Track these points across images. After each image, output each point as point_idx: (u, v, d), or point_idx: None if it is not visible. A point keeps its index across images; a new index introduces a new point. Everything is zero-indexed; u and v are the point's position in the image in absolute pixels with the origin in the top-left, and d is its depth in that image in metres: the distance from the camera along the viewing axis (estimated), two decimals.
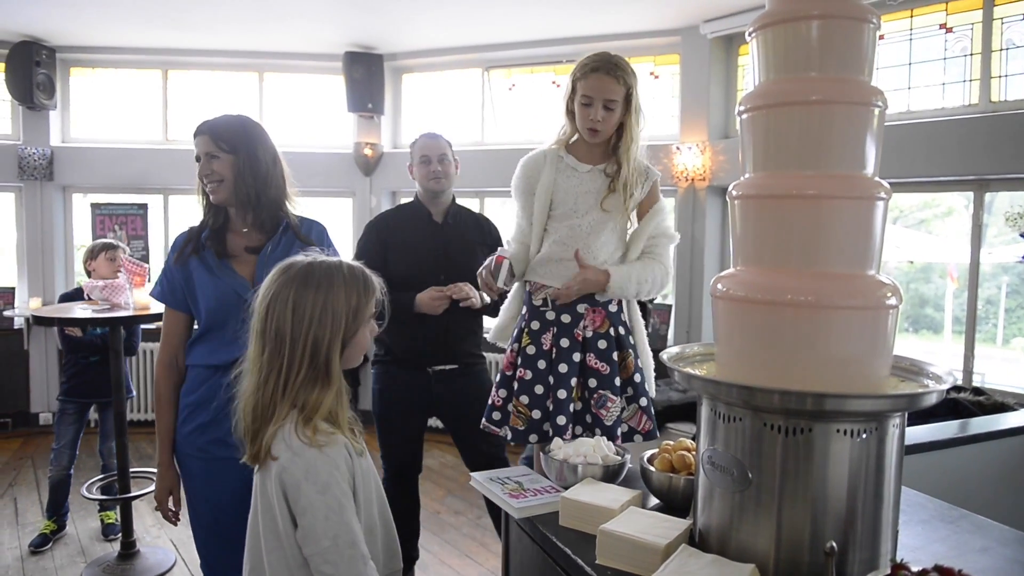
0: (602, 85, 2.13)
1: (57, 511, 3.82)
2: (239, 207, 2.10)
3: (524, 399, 2.18)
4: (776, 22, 1.42)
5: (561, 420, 2.13)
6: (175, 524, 2.13)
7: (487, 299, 2.97)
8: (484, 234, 3.16)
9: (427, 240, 3.02)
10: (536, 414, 2.17)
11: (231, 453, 1.93)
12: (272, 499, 1.43)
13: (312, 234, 2.18)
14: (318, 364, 1.46)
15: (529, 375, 2.19)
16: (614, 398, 2.19)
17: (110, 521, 3.90)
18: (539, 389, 2.18)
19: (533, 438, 2.16)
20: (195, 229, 2.13)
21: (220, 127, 2.07)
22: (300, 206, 2.21)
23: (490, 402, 2.29)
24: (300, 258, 1.53)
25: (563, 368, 2.17)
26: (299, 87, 6.15)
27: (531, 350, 2.20)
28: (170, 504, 2.10)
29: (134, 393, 4.04)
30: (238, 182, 2.06)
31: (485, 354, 3.19)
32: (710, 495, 1.43)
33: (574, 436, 2.12)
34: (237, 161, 2.05)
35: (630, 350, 2.25)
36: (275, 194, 2.12)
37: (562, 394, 2.15)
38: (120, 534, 3.61)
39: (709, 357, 1.64)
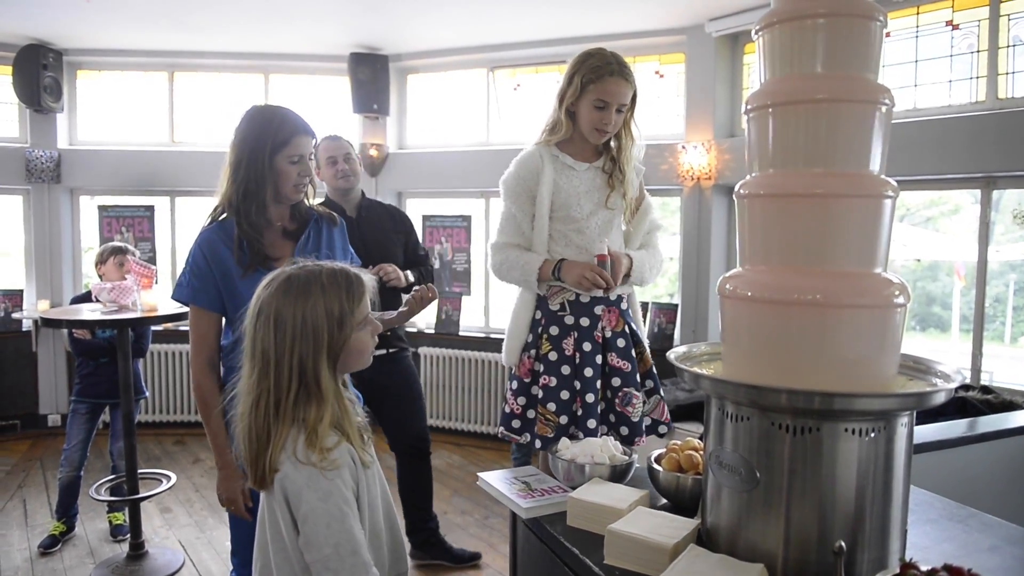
0: (619, 90, 2.10)
1: (66, 512, 3.84)
2: (290, 205, 2.12)
3: (551, 406, 2.15)
4: (782, 20, 1.41)
5: (591, 424, 2.12)
6: (251, 519, 2.02)
7: (411, 278, 3.17)
8: (396, 222, 3.43)
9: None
10: (563, 420, 2.15)
11: None
12: (275, 504, 1.42)
13: (337, 227, 2.19)
14: (307, 381, 1.41)
15: (554, 381, 2.16)
16: (638, 394, 2.20)
17: (118, 522, 3.91)
18: (565, 395, 2.16)
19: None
20: (228, 228, 2.04)
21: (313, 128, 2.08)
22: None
23: (508, 410, 2.25)
24: (285, 268, 1.49)
25: (588, 372, 2.15)
26: (305, 88, 6.16)
27: (553, 356, 2.18)
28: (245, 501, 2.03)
29: (147, 394, 4.05)
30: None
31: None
32: (718, 495, 1.43)
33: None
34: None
35: (643, 343, 2.27)
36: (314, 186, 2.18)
37: (590, 398, 2.14)
38: (129, 535, 3.62)
39: (716, 356, 1.64)
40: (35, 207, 5.88)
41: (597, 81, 2.10)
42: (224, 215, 2.08)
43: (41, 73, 5.52)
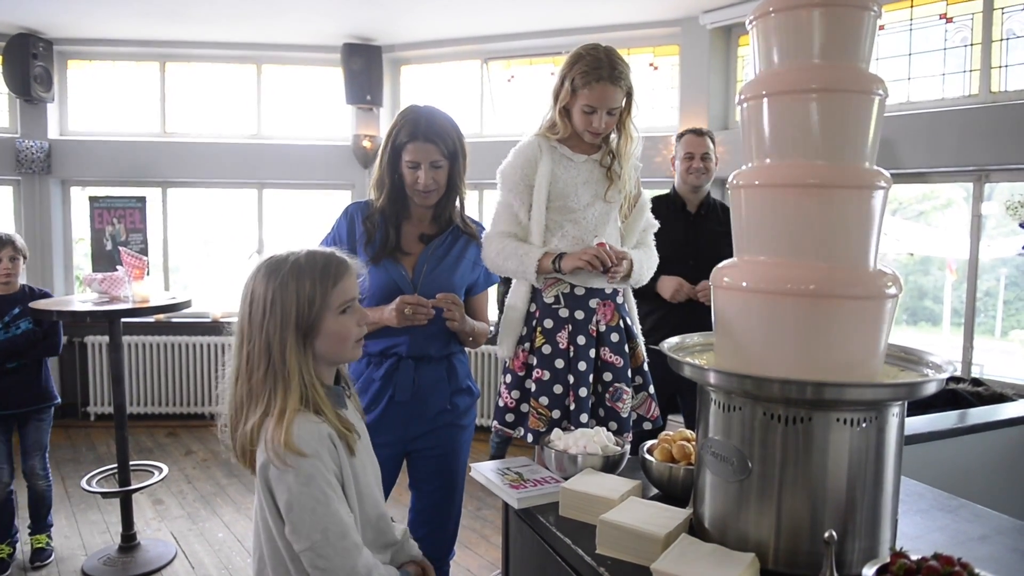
0: (607, 95, 2.08)
1: (8, 533, 3.49)
2: (431, 208, 2.13)
3: (543, 400, 2.14)
4: (776, 10, 1.41)
5: (584, 418, 2.11)
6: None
7: None
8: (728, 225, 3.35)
9: (680, 230, 3.19)
10: (556, 414, 2.14)
11: (386, 439, 2.00)
12: (259, 494, 1.41)
13: (475, 244, 2.21)
14: (273, 359, 1.41)
15: (547, 375, 2.15)
16: (628, 390, 2.19)
17: (40, 545, 3.56)
18: (558, 389, 2.14)
19: None
20: (375, 210, 2.12)
21: (445, 134, 2.07)
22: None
23: (501, 404, 2.23)
24: (272, 253, 1.51)
25: (582, 366, 2.14)
26: (297, 79, 6.13)
27: (547, 349, 2.16)
28: None
29: (59, 400, 3.63)
30: (448, 190, 2.11)
31: None
32: (710, 484, 1.44)
33: None
34: (452, 169, 2.10)
35: (636, 339, 2.26)
36: (461, 197, 2.18)
37: (583, 392, 2.13)
38: (50, 559, 3.49)
39: (709, 347, 1.64)
40: (25, 198, 5.84)
41: (584, 87, 2.08)
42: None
43: (31, 63, 5.48)
